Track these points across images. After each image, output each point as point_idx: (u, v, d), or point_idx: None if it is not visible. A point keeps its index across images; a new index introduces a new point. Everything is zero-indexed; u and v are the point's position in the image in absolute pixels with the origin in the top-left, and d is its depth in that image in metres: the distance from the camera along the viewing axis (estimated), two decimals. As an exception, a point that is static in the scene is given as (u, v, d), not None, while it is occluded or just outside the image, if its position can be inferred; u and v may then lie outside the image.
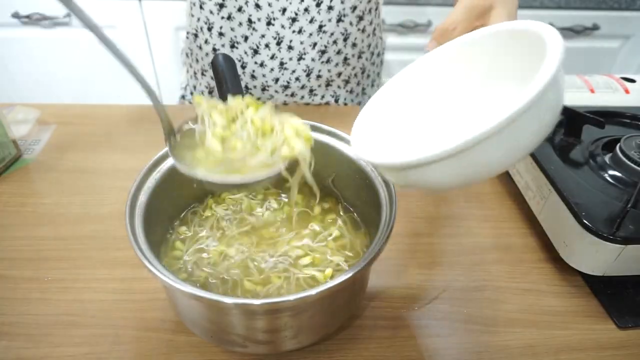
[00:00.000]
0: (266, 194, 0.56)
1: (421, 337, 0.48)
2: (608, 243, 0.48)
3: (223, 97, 0.55)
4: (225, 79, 0.54)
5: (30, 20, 1.35)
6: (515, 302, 0.53)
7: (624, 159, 0.58)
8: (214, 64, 0.55)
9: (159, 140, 0.48)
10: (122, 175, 0.67)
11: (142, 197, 0.44)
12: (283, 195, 0.56)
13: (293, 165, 0.41)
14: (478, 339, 0.49)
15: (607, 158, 0.60)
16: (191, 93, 0.92)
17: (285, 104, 0.84)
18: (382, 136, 0.41)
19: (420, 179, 0.33)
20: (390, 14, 1.39)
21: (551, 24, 0.32)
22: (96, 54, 1.44)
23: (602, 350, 0.48)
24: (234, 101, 0.44)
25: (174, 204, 0.51)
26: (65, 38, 1.40)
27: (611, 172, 0.58)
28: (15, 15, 1.34)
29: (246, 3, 0.72)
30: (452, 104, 0.42)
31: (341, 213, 0.54)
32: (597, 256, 0.50)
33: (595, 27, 1.47)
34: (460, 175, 0.32)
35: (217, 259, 0.48)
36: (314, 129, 0.53)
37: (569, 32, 1.47)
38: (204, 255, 0.49)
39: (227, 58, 0.56)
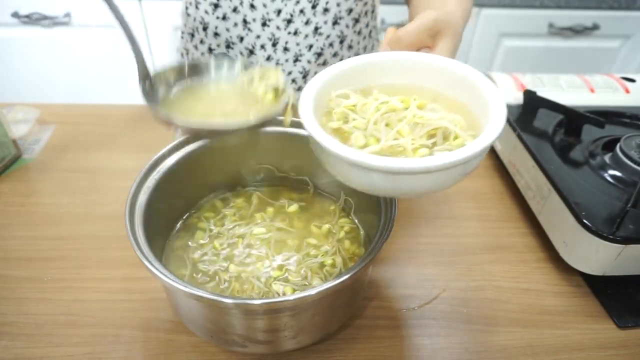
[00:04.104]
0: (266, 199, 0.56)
1: (421, 337, 0.49)
2: (608, 243, 0.48)
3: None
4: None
5: (30, 19, 1.35)
6: (515, 302, 0.53)
7: (624, 158, 0.58)
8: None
9: (159, 140, 0.48)
10: (122, 175, 0.67)
11: (142, 197, 0.44)
12: (282, 200, 0.56)
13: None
14: (478, 339, 0.49)
15: (607, 158, 0.60)
16: None
17: None
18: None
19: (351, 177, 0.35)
20: (390, 14, 1.39)
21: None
22: (96, 54, 1.45)
23: (602, 350, 0.48)
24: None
25: (174, 204, 0.51)
26: (65, 38, 1.40)
27: (611, 171, 0.58)
28: (15, 15, 1.34)
29: (241, 3, 0.72)
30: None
31: (341, 213, 0.54)
32: (597, 256, 0.50)
33: (595, 27, 1.47)
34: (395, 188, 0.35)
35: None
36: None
37: (569, 31, 1.47)
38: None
39: (226, 58, 0.56)
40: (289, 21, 0.74)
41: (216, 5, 0.74)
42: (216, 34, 0.77)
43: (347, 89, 0.41)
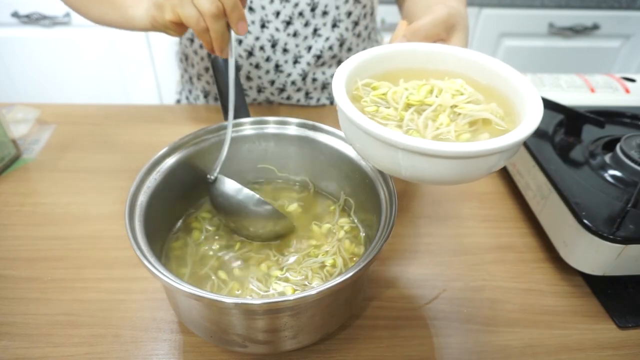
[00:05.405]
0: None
1: (421, 337, 0.48)
2: (608, 243, 0.48)
3: (223, 98, 0.55)
4: (225, 80, 0.54)
5: (30, 19, 1.35)
6: (515, 302, 0.53)
7: (624, 158, 0.58)
8: (214, 66, 0.55)
9: (159, 140, 0.48)
10: (122, 175, 0.67)
11: (142, 197, 0.44)
12: (282, 201, 0.56)
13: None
14: (478, 339, 0.49)
15: (607, 158, 0.60)
16: (186, 98, 0.92)
17: (281, 104, 0.84)
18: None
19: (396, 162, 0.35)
20: (390, 14, 1.39)
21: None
22: (96, 54, 1.45)
23: (602, 350, 0.48)
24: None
25: (173, 204, 0.51)
26: (64, 38, 1.40)
27: (611, 171, 0.58)
28: (15, 15, 1.34)
29: None
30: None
31: (341, 213, 0.54)
32: (597, 256, 0.50)
33: (595, 27, 1.47)
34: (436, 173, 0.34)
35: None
36: (313, 128, 0.53)
37: (569, 31, 1.47)
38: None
39: (227, 60, 0.56)
40: (288, 23, 0.74)
41: None
42: None
43: (369, 76, 0.42)
